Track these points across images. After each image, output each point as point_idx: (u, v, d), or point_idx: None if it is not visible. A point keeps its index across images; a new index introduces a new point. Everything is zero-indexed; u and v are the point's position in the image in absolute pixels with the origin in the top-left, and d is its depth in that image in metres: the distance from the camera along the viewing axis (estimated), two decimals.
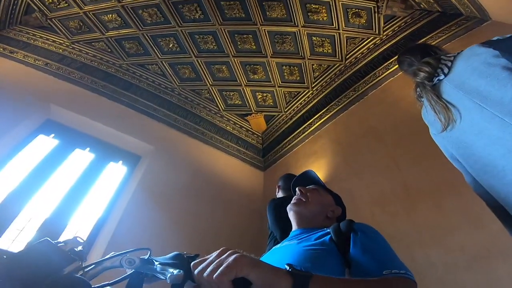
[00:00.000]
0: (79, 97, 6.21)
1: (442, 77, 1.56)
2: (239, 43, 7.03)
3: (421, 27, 5.66)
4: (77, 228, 5.07)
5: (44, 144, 5.61)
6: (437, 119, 1.54)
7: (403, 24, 5.91)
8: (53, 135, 5.77)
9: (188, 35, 6.91)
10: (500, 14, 4.61)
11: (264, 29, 6.69)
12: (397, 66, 5.68)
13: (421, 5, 5.56)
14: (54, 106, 5.82)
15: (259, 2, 6.28)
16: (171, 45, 7.12)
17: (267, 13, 6.44)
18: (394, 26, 6.01)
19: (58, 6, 6.35)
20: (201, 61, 7.40)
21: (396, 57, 2.13)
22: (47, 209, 4.93)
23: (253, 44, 7.01)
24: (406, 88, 5.45)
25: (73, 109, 5.96)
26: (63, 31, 6.70)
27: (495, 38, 1.44)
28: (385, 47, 6.17)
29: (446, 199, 3.81)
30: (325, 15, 6.25)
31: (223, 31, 6.80)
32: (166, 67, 7.48)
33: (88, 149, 6.03)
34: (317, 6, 6.17)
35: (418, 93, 1.76)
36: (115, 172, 6.13)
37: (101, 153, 6.12)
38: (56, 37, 6.71)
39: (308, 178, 2.10)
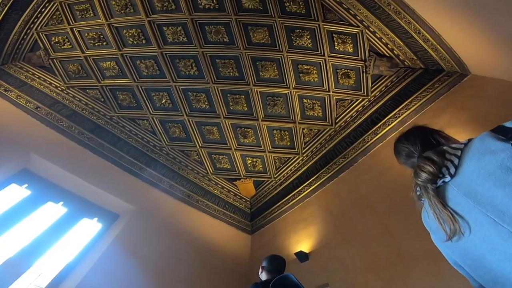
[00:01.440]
0: (62, 148, 6.12)
1: (448, 179, 1.32)
2: (231, 103, 7.22)
3: (406, 86, 5.88)
4: (40, 273, 4.87)
5: (15, 194, 5.38)
6: (441, 228, 1.33)
7: (389, 83, 6.15)
8: (26, 185, 5.55)
9: (182, 91, 7.13)
10: (479, 68, 4.83)
11: (256, 90, 6.94)
12: (385, 130, 5.84)
13: (405, 63, 5.86)
14: (34, 155, 5.68)
15: (253, 61, 6.61)
16: (163, 101, 7.29)
17: (260, 73, 6.74)
18: (381, 86, 6.26)
19: (63, 47, 6.65)
20: (192, 121, 7.51)
21: (394, 144, 1.86)
22: (11, 250, 4.79)
23: (245, 105, 7.20)
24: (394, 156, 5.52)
25: (54, 161, 5.82)
26: (62, 73, 6.89)
27: (509, 124, 1.23)
28: (373, 109, 6.34)
29: (443, 264, 3.59)
30: (316, 76, 6.56)
31: (216, 90, 7.03)
32: (157, 123, 7.56)
33: (61, 203, 5.80)
34: (308, 67, 6.49)
35: (418, 193, 1.52)
36: (88, 228, 5.85)
37: (76, 208, 5.89)
38: (53, 79, 6.87)
39: (287, 282, 1.96)
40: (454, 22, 4.49)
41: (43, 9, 6.12)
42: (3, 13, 5.66)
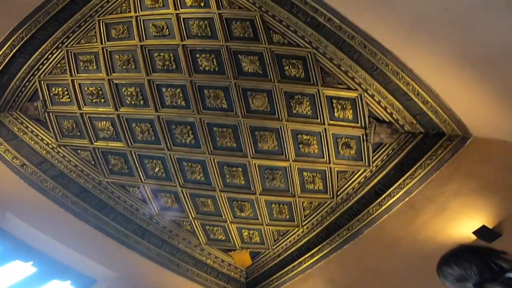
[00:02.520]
0: (42, 210, 6.03)
1: None
2: (227, 176, 7.13)
3: (408, 153, 5.90)
4: None
5: None
6: None
7: (390, 151, 6.17)
8: None
9: (176, 161, 7.10)
10: (480, 129, 4.95)
11: (254, 163, 6.89)
12: (391, 201, 5.83)
13: (405, 127, 5.96)
14: (10, 215, 5.64)
15: (251, 131, 6.68)
16: (157, 169, 7.23)
17: (259, 144, 6.76)
18: (383, 155, 6.26)
19: (61, 100, 6.79)
20: (186, 192, 7.36)
21: (438, 266, 1.69)
22: None
23: (242, 178, 7.11)
24: (403, 226, 5.46)
25: (31, 222, 5.74)
26: (55, 129, 6.90)
27: None
28: (376, 180, 6.27)
29: None
30: (316, 147, 6.58)
31: (213, 161, 6.99)
32: (148, 192, 7.40)
33: (31, 263, 5.64)
34: (308, 137, 6.55)
35: None
36: None
37: (46, 269, 5.74)
38: (46, 135, 6.88)
39: None
40: (452, 80, 4.73)
41: (50, 56, 6.42)
42: (11, 54, 5.90)
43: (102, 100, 6.77)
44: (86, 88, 6.72)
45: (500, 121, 4.51)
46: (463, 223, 4.74)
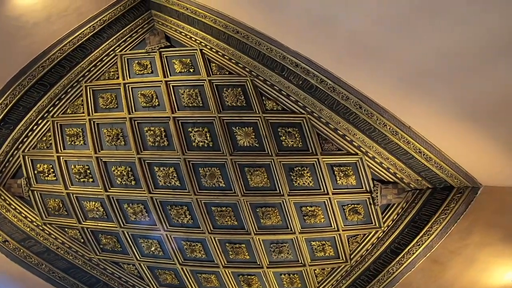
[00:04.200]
0: (27, 284, 6.21)
1: None
2: (230, 253, 7.18)
3: (420, 210, 5.98)
4: None
5: None
6: None
7: (400, 210, 6.28)
8: None
9: (174, 240, 7.13)
10: (489, 178, 5.05)
11: (258, 238, 6.94)
12: (412, 258, 6.00)
13: (411, 185, 6.13)
14: None
15: (252, 208, 6.76)
16: (153, 248, 7.28)
17: (261, 220, 6.85)
18: (393, 214, 6.38)
19: (46, 178, 6.86)
20: (186, 269, 7.38)
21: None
22: None
23: (246, 254, 7.15)
24: (431, 281, 5.52)
25: None
26: (40, 207, 6.97)
27: None
28: (390, 239, 6.32)
29: None
30: (322, 217, 6.68)
31: (213, 240, 7.03)
32: (145, 269, 7.43)
33: None
34: (313, 208, 6.65)
35: None
36: None
37: None
38: (30, 213, 6.92)
39: None
40: (454, 133, 4.88)
41: (35, 126, 6.58)
42: None
43: (90, 180, 6.86)
44: (73, 166, 6.80)
45: (508, 168, 4.60)
46: (498, 272, 4.76)
